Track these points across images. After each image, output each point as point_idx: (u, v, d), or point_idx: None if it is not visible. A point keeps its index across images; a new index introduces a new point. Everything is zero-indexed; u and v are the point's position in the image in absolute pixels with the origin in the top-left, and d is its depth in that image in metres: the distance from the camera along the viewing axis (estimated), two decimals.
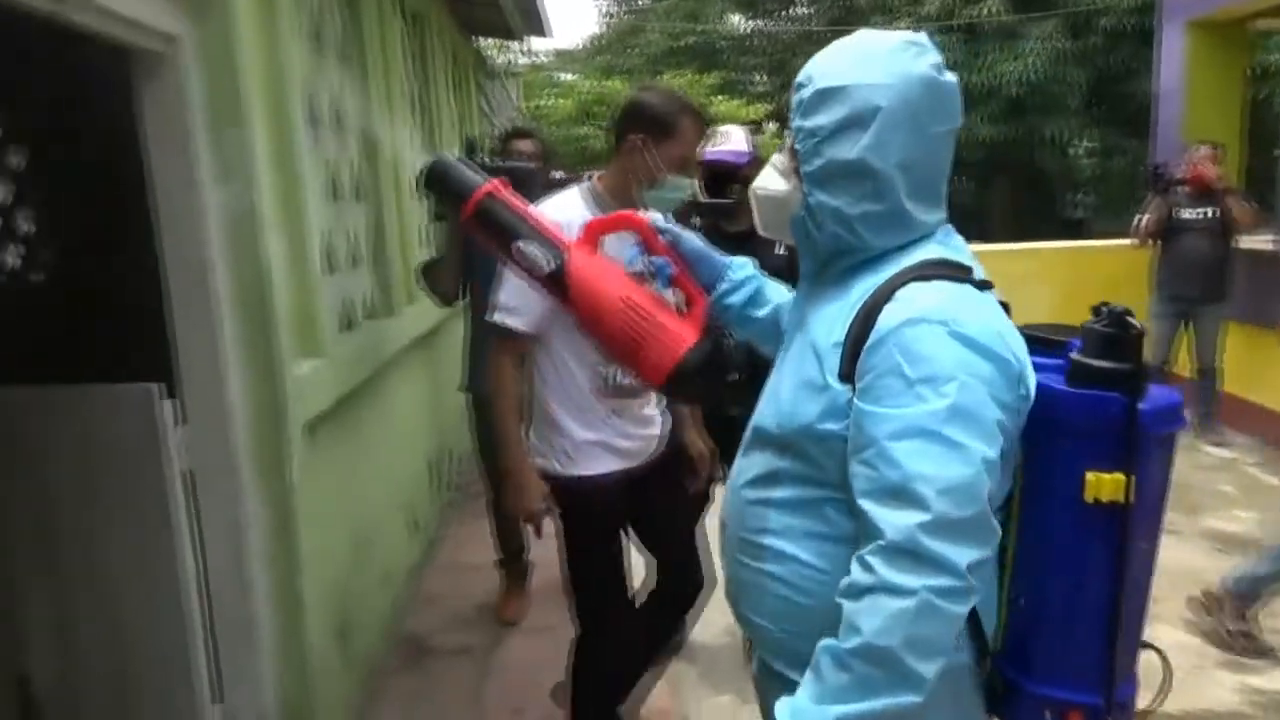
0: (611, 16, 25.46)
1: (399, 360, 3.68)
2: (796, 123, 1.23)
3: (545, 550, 3.72)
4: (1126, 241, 5.77)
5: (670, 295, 1.66)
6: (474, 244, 3.14)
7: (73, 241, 3.71)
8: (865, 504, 1.09)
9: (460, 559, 4.06)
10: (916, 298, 1.13)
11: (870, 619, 1.04)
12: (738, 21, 24.45)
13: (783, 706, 1.10)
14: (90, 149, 3.17)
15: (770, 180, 1.32)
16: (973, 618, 1.15)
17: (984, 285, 1.18)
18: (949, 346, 1.08)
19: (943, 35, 15.65)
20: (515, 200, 1.64)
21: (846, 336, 1.17)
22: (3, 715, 2.26)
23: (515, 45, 8.50)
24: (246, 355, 2.24)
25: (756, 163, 2.75)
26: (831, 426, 1.17)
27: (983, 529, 1.07)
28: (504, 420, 2.20)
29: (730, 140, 3.12)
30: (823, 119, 1.19)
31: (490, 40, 7.50)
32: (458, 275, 3.31)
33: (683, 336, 1.54)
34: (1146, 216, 5.44)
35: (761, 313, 1.59)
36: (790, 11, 24.50)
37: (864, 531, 1.09)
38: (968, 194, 21.73)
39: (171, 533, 2.14)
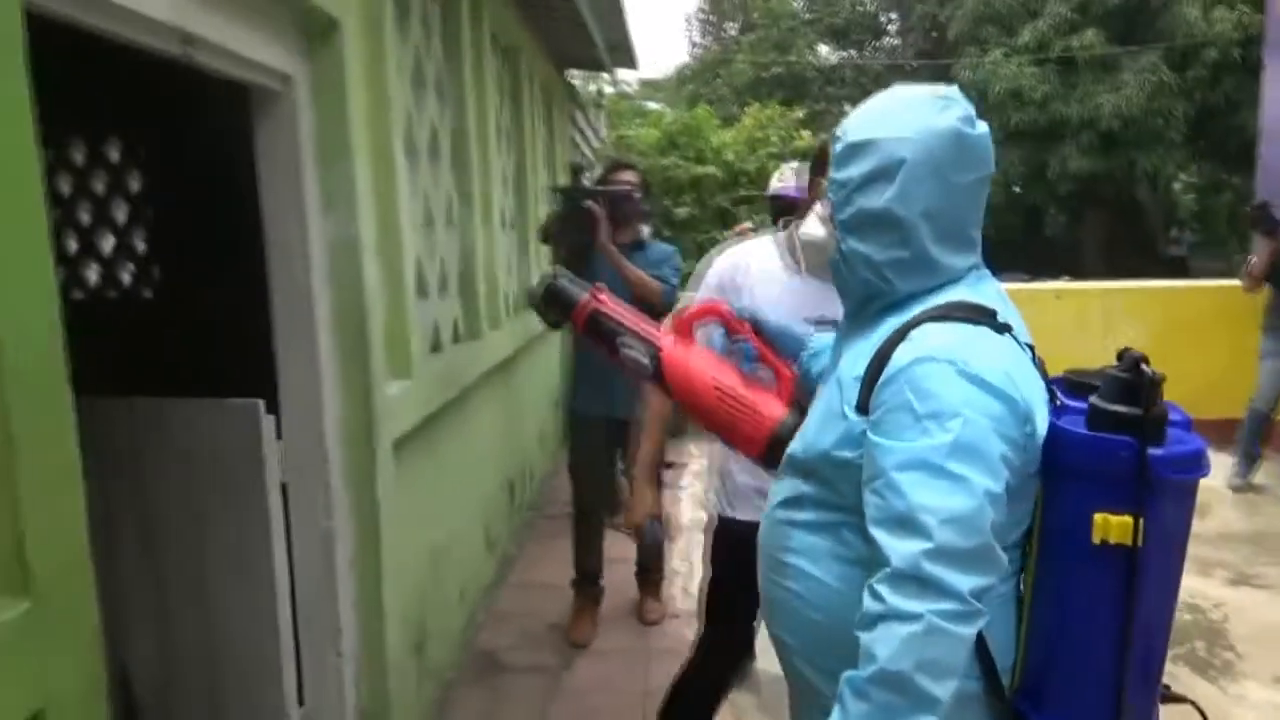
0: (699, 46, 25.77)
1: (481, 383, 3.80)
2: (831, 174, 1.32)
3: (616, 575, 3.81)
4: (1224, 282, 5.58)
5: (759, 371, 1.76)
6: (579, 273, 3.37)
7: (187, 263, 3.93)
8: (875, 532, 1.15)
9: (534, 579, 4.14)
10: (928, 337, 1.20)
11: (884, 646, 1.09)
12: (826, 53, 24.48)
13: None
14: (207, 177, 3.37)
15: (812, 226, 1.45)
16: (982, 647, 1.19)
17: (1003, 328, 1.23)
18: (956, 384, 1.14)
19: (1037, 66, 15.42)
20: (615, 306, 1.78)
21: (866, 371, 1.24)
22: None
23: (603, 75, 8.68)
24: (342, 375, 2.37)
25: None
26: (847, 454, 1.24)
27: (986, 558, 1.11)
28: (648, 431, 2.42)
29: (789, 177, 3.70)
30: (853, 171, 1.27)
31: (578, 70, 7.68)
32: None
33: (771, 412, 1.65)
34: (1254, 258, 5.25)
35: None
36: (879, 43, 24.43)
37: (875, 559, 1.15)
38: (1058, 226, 21.21)
39: (267, 541, 2.25)
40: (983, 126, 1.27)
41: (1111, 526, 1.11)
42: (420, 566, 2.97)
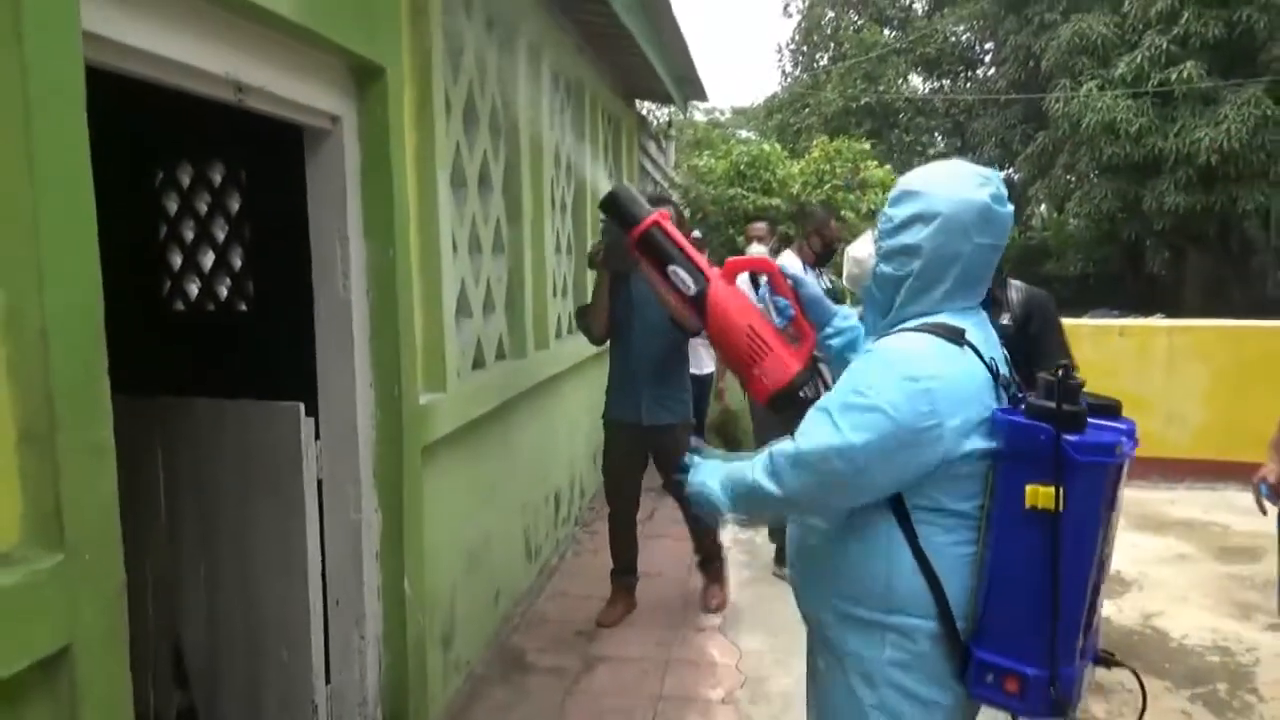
0: (789, 77, 25.86)
1: (526, 398, 4.02)
2: (885, 209, 1.68)
3: (644, 589, 3.97)
4: None
5: (789, 330, 2.00)
6: (619, 292, 3.64)
7: (254, 279, 4.27)
8: None
9: (572, 589, 4.33)
10: (885, 340, 1.58)
11: (752, 474, 1.65)
12: (917, 83, 24.26)
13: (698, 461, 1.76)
14: (270, 201, 3.70)
15: (863, 247, 1.82)
16: (939, 594, 1.54)
17: (961, 342, 1.55)
18: (877, 365, 1.54)
19: (1133, 99, 15.04)
20: (675, 232, 1.97)
21: None
22: (160, 669, 2.69)
23: (695, 104, 8.92)
24: (376, 384, 2.61)
25: None
26: None
27: (817, 468, 1.53)
28: None
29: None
30: (902, 210, 1.62)
31: (650, 101, 7.93)
32: (605, 318, 3.78)
33: (790, 364, 1.90)
34: None
35: (855, 356, 1.93)
36: (972, 74, 24.09)
37: None
38: (1160, 263, 20.44)
39: (303, 531, 2.50)
40: (1009, 207, 1.60)
41: (1039, 495, 1.43)
42: (451, 564, 3.19)
